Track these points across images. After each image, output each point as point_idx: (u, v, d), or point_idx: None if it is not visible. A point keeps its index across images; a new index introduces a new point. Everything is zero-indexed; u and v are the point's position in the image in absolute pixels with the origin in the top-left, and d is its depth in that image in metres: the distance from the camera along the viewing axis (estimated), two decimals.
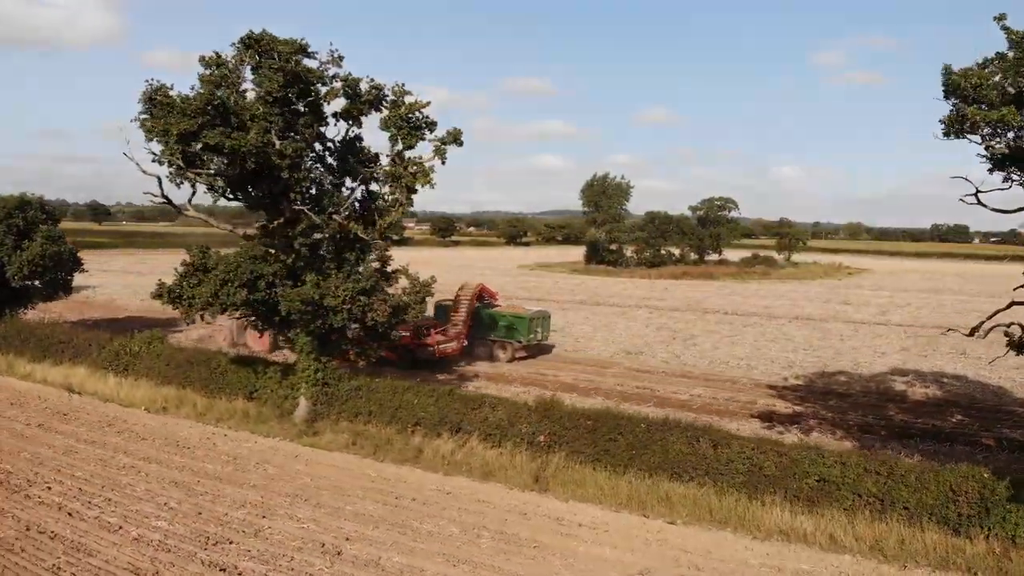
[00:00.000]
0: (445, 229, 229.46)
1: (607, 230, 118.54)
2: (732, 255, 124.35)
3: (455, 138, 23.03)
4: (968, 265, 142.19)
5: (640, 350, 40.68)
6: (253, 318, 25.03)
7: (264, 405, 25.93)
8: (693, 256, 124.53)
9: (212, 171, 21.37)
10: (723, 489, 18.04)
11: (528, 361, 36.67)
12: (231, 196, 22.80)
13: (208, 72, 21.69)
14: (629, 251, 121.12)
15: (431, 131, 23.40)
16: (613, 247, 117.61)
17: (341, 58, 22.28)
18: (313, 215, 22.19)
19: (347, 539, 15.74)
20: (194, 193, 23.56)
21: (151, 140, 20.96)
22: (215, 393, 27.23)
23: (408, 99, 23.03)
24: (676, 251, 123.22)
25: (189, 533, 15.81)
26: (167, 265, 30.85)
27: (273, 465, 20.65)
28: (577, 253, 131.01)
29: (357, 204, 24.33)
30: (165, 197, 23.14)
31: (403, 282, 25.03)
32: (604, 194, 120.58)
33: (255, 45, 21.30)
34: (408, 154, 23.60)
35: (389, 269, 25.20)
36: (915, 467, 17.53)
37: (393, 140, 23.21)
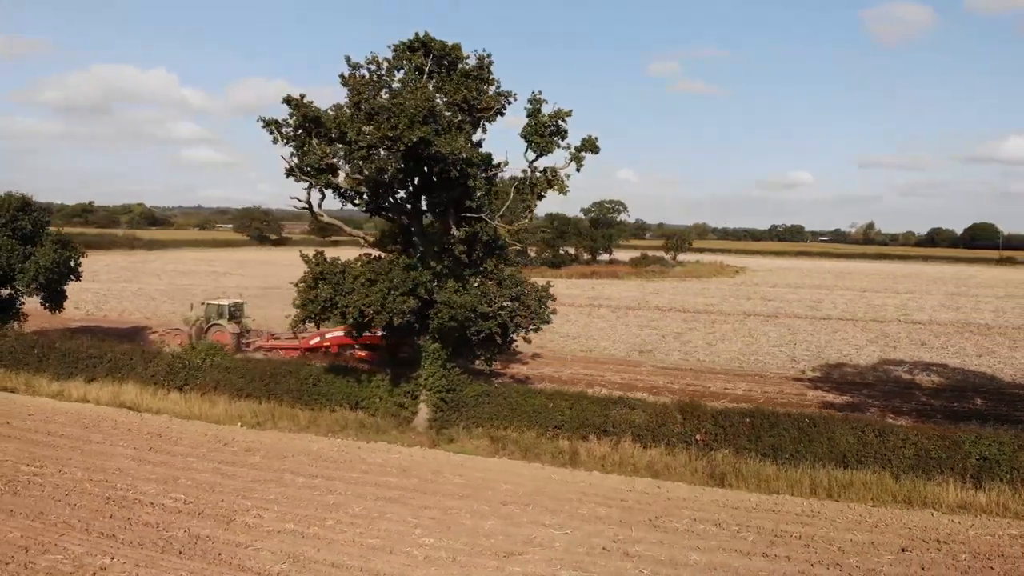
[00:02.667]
0: (323, 230, 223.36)
1: (515, 231, 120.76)
2: (622, 255, 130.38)
3: (591, 146, 23.76)
4: (832, 263, 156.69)
5: (648, 348, 42.68)
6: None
7: (376, 414, 25.40)
8: (586, 256, 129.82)
9: (386, 179, 20.94)
10: (895, 473, 20.08)
11: (554, 363, 37.53)
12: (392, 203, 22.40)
13: (374, 76, 21.31)
14: (532, 251, 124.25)
15: (563, 139, 24.04)
16: (528, 248, 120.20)
17: (491, 64, 22.48)
18: (487, 220, 22.36)
19: (638, 542, 16.25)
20: (323, 199, 23.04)
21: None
22: (310, 405, 26.32)
23: (546, 108, 23.56)
24: (572, 251, 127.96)
25: (465, 547, 15.76)
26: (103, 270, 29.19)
27: (453, 474, 20.59)
28: None
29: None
30: (308, 203, 22.43)
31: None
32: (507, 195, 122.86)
33: (427, 49, 21.11)
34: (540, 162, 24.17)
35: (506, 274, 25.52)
36: None
37: (535, 149, 23.62)
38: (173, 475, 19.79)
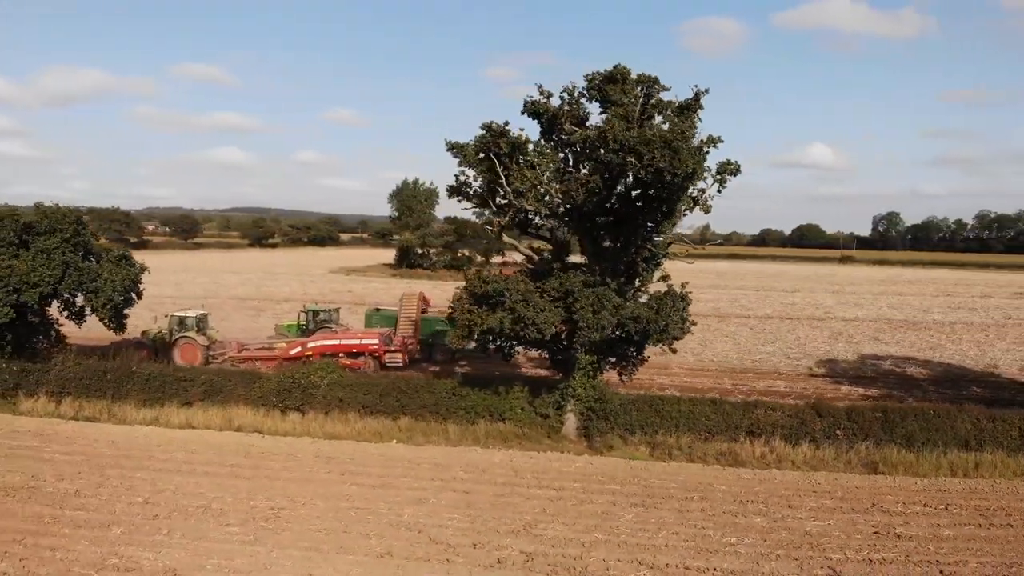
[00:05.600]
0: (188, 231, 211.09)
1: (422, 234, 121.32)
2: (516, 257, 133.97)
3: (735, 170, 26.10)
4: (703, 264, 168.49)
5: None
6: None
7: (521, 425, 26.44)
8: (479, 258, 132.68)
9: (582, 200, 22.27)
10: (1010, 452, 24.17)
11: None
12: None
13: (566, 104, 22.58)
14: (433, 255, 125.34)
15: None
16: (431, 251, 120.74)
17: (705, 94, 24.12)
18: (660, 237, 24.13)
19: (900, 525, 18.90)
20: (511, 219, 23.96)
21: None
22: (448, 418, 26.91)
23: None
24: (468, 253, 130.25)
25: (787, 542, 17.79)
26: None
27: (664, 480, 22.32)
28: (360, 256, 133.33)
29: None
30: (501, 227, 23.26)
31: None
32: (415, 199, 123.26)
33: (623, 79, 22.63)
34: None
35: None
36: None
37: None
38: (504, 505, 19.90)
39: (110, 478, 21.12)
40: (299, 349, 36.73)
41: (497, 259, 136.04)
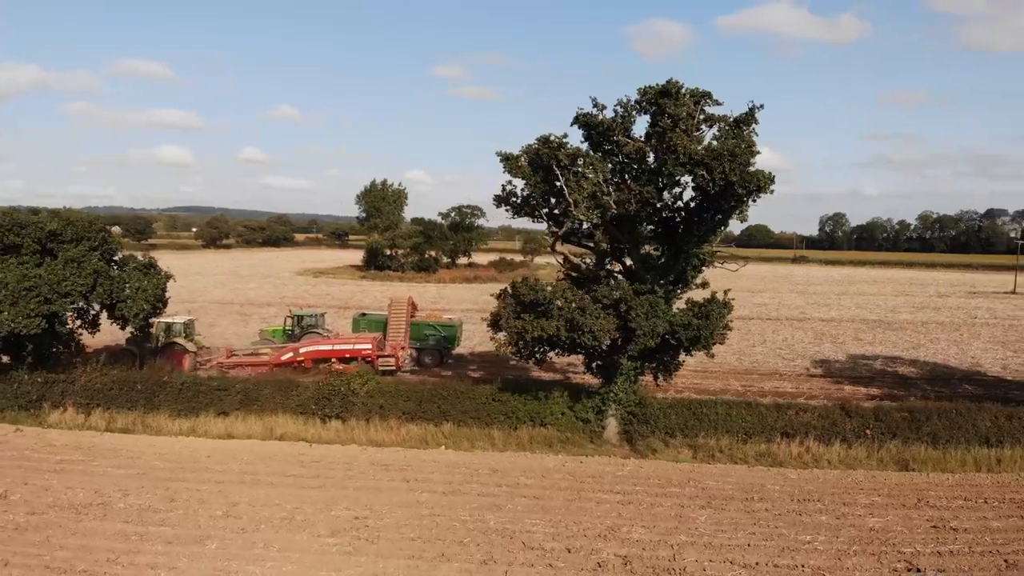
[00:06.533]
0: (141, 232, 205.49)
1: (392, 236, 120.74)
2: (479, 258, 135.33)
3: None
4: None
5: None
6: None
7: (562, 430, 27.03)
8: (445, 260, 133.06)
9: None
10: None
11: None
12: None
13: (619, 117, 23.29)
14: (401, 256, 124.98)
15: None
16: (399, 252, 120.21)
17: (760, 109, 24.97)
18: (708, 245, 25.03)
19: (953, 519, 20.09)
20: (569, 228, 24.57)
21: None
22: (490, 424, 27.33)
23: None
24: (434, 254, 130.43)
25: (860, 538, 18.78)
26: None
27: (717, 482, 23.19)
28: (322, 257, 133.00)
29: None
30: (558, 235, 23.85)
31: None
32: (383, 200, 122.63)
33: (676, 94, 23.42)
34: None
35: None
36: None
37: None
38: (579, 509, 20.40)
39: (177, 492, 20.99)
40: (291, 355, 36.53)
41: (464, 259, 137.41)
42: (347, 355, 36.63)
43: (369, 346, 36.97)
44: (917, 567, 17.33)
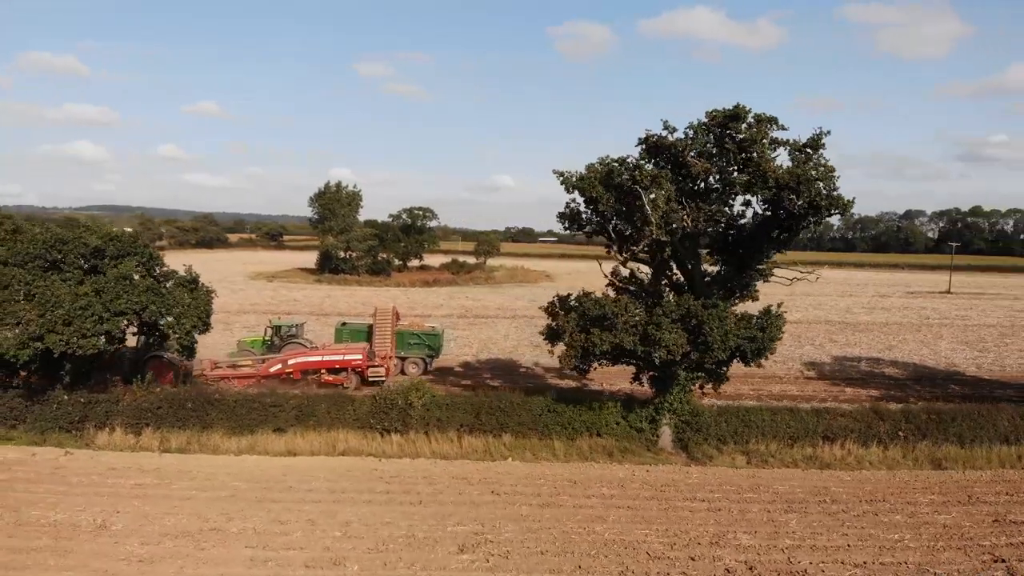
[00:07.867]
0: None
1: (347, 239, 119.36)
2: (431, 260, 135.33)
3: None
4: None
5: None
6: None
7: (619, 440, 28.08)
8: (396, 262, 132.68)
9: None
10: None
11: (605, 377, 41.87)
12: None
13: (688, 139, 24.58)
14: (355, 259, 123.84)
15: None
16: (352, 255, 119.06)
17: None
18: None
19: (1010, 513, 22.03)
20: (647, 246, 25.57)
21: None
22: (547, 435, 28.13)
23: None
24: (386, 257, 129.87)
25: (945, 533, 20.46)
26: None
27: (783, 486, 24.63)
28: (269, 260, 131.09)
29: None
30: (634, 254, 24.77)
31: None
32: (338, 202, 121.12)
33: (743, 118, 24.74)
34: None
35: None
36: None
37: None
38: (677, 518, 21.37)
39: (279, 513, 21.05)
40: (279, 366, 36.20)
41: (416, 262, 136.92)
42: (337, 365, 36.54)
43: (359, 356, 37.06)
44: (1001, 558, 19.12)
